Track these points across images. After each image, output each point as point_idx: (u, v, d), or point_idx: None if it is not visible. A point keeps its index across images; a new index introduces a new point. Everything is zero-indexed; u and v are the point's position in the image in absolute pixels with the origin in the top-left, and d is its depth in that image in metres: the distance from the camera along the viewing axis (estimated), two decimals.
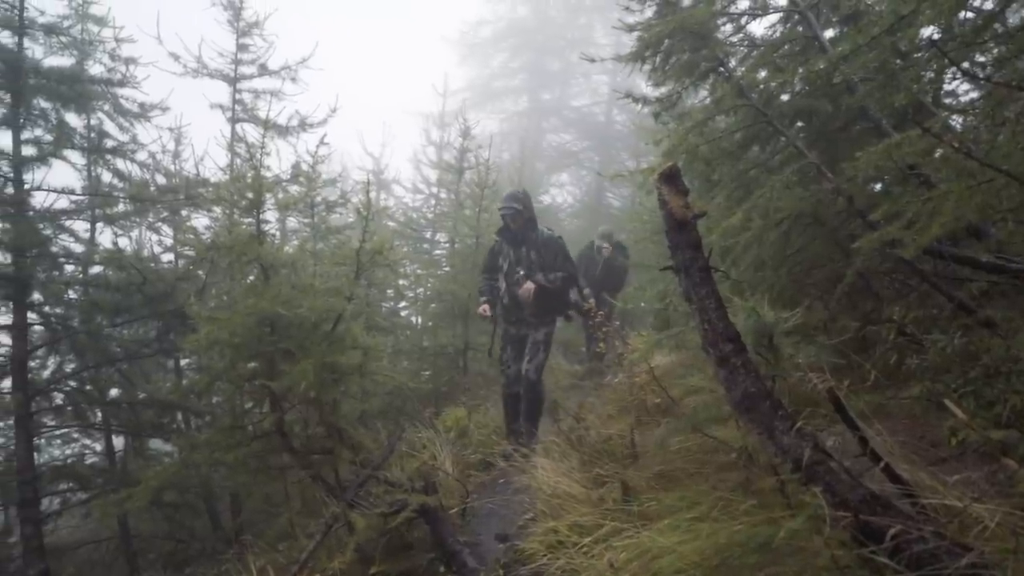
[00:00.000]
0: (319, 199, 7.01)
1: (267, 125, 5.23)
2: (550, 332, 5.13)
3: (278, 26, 7.43)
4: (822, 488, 1.77)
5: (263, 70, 7.16)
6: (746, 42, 4.80)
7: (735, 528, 2.38)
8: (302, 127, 7.05)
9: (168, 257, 6.96)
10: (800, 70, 4.03)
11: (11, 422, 5.20)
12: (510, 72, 22.27)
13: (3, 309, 5.29)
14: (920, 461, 2.30)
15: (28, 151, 5.05)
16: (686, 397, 4.18)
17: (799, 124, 4.64)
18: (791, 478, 1.88)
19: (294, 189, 5.99)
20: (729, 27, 4.75)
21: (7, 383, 5.19)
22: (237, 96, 7.19)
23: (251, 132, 7.03)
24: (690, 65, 4.44)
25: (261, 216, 4.49)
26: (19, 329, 4.91)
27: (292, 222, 8.55)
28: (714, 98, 4.39)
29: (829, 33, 4.73)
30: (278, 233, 8.03)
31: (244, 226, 4.66)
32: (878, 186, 4.23)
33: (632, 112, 17.98)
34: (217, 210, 5.90)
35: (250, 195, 4.50)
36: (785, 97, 4.56)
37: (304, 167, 7.07)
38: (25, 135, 5.06)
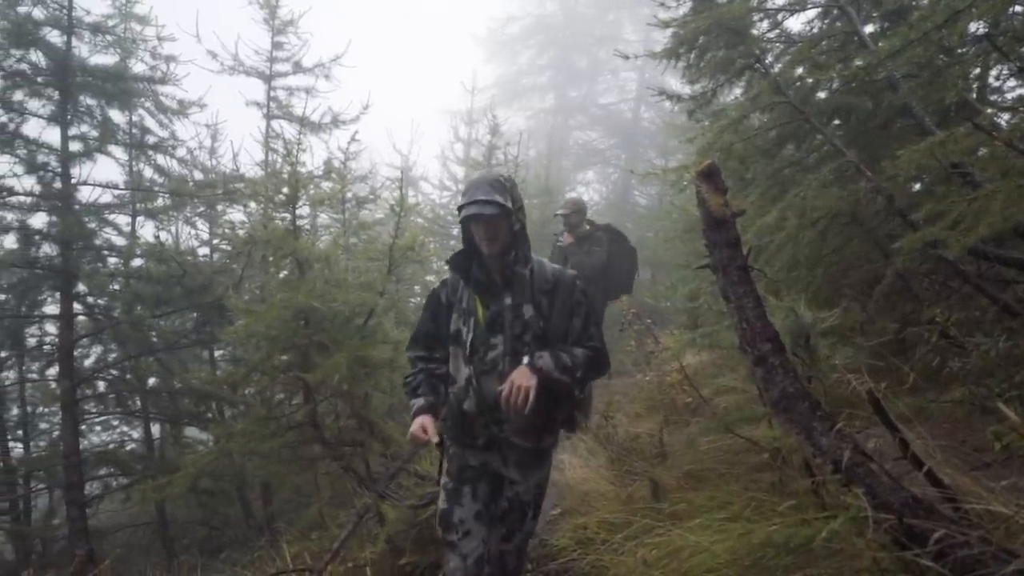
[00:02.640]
0: (350, 195, 7.10)
1: (303, 122, 5.33)
2: (546, 477, 2.50)
3: (312, 24, 7.55)
4: (863, 490, 1.76)
5: (297, 67, 7.27)
6: (783, 38, 4.74)
7: (769, 529, 2.36)
8: (335, 124, 7.15)
9: (204, 251, 7.13)
10: (839, 66, 3.97)
11: (57, 408, 5.39)
12: (537, 69, 22.23)
13: (50, 300, 5.48)
14: (963, 466, 2.26)
15: (75, 147, 5.21)
16: (716, 396, 4.15)
17: (837, 122, 4.56)
18: (831, 479, 1.87)
19: (326, 185, 6.08)
20: (766, 23, 4.69)
21: (54, 371, 5.38)
22: (272, 93, 7.32)
23: (285, 128, 7.15)
24: (726, 62, 4.40)
25: (296, 211, 4.58)
26: (66, 319, 5.08)
27: (323, 218, 8.68)
28: (750, 95, 4.34)
29: (869, 28, 4.65)
30: (310, 228, 8.15)
31: (279, 221, 4.76)
32: (918, 185, 4.15)
33: (660, 109, 17.85)
34: (252, 205, 6.03)
35: (286, 191, 4.59)
36: (823, 94, 4.49)
37: (336, 163, 7.19)
38: (72, 131, 5.23)
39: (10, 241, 5.36)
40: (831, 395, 2.90)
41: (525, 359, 2.20)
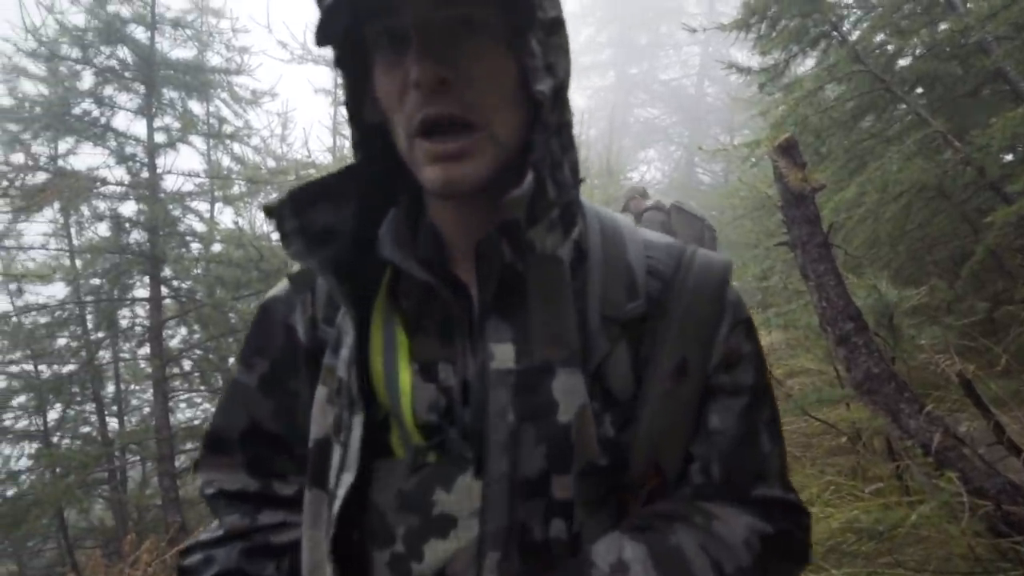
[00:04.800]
0: None
1: None
2: None
3: None
4: (957, 475, 1.69)
5: None
6: (862, 3, 4.50)
7: (850, 513, 2.31)
8: None
9: (277, 235, 7.40)
10: (923, 31, 3.74)
11: (148, 386, 5.76)
12: (597, 47, 21.82)
13: (139, 284, 5.84)
14: None
15: (159, 138, 5.51)
16: (790, 378, 4.05)
17: (920, 90, 4.32)
18: (921, 463, 1.81)
19: None
20: None
21: (145, 351, 5.76)
22: (339, 80, 7.49)
23: None
24: (799, 31, 4.21)
25: None
26: (154, 302, 5.42)
27: None
28: (825, 65, 4.15)
29: None
30: None
31: None
32: (1011, 155, 3.89)
33: (725, 83, 17.23)
34: None
35: None
36: (905, 61, 4.25)
37: None
38: (156, 123, 5.52)
39: (103, 229, 5.75)
40: (917, 377, 2.79)
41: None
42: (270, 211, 0.58)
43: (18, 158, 4.96)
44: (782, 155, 2.21)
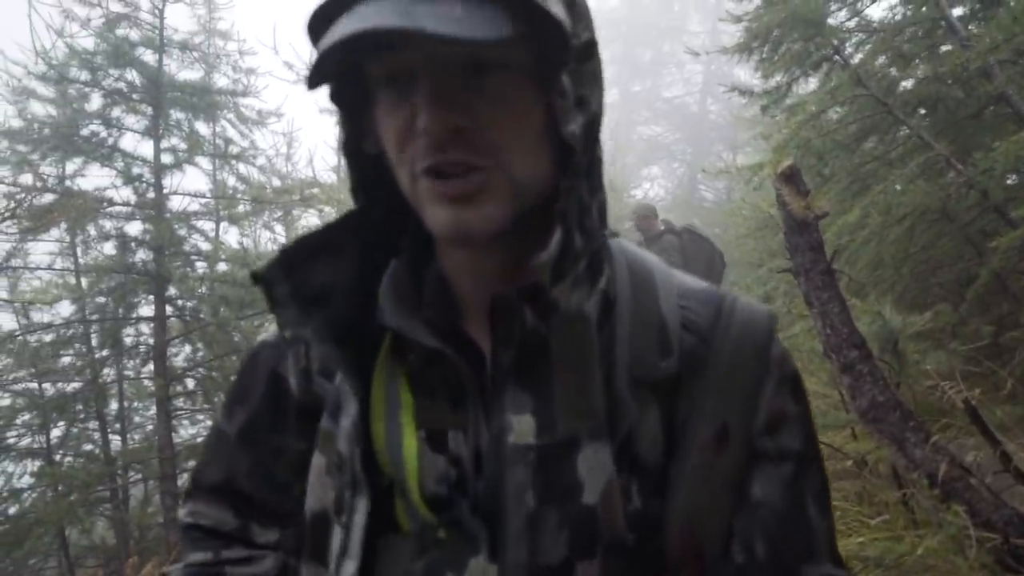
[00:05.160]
0: None
1: None
2: None
3: None
4: (963, 507, 1.68)
5: None
6: (863, 27, 4.54)
7: (856, 541, 2.29)
8: None
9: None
10: (926, 56, 3.78)
11: (151, 404, 5.77)
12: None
13: (144, 302, 5.87)
14: None
15: (166, 159, 5.56)
16: None
17: (923, 111, 4.34)
18: (929, 495, 1.79)
19: None
20: (844, 12, 4.50)
21: (148, 369, 5.77)
22: (336, 117, 7.56)
23: None
24: (802, 54, 4.26)
25: None
26: (159, 321, 5.44)
27: None
28: (828, 88, 4.18)
29: (958, 11, 4.39)
30: None
31: None
32: (1013, 178, 3.90)
33: (728, 102, 17.35)
34: (327, 208, 6.26)
35: None
36: (908, 84, 4.28)
37: None
38: (163, 144, 5.58)
39: (109, 248, 5.79)
40: (922, 403, 2.77)
41: None
42: (258, 277, 0.53)
43: (27, 179, 5.01)
44: (785, 183, 2.22)
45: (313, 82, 0.48)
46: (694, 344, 0.56)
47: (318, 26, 0.48)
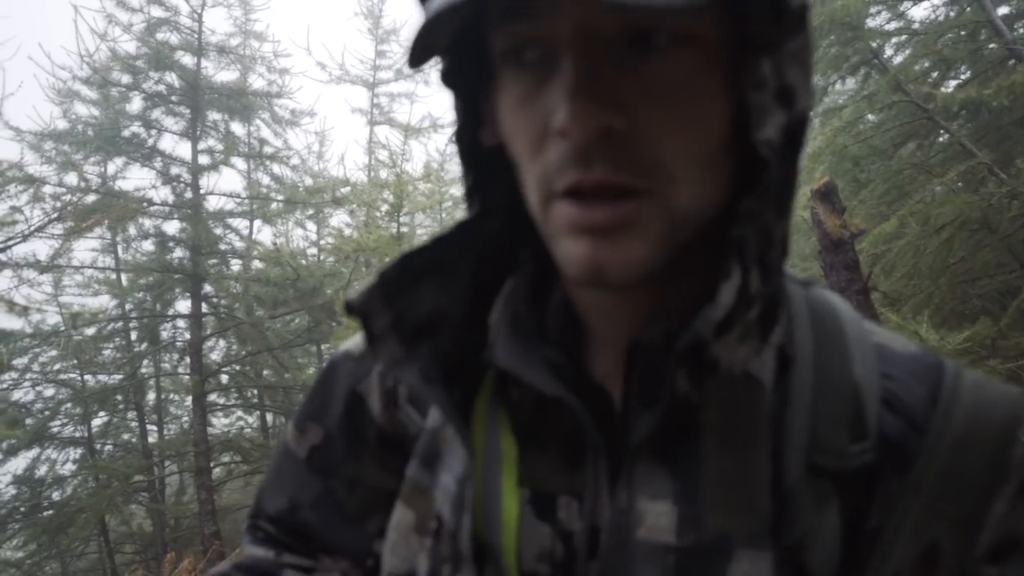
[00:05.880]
0: (447, 197, 7.33)
1: (407, 130, 5.56)
2: None
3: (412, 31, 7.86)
4: None
5: (399, 74, 7.57)
6: (904, 29, 4.43)
7: None
8: (433, 128, 7.37)
9: (312, 251, 7.58)
10: (962, 59, 3.67)
11: (187, 398, 5.95)
12: None
13: (181, 299, 6.04)
14: None
15: (203, 159, 5.70)
16: None
17: (964, 113, 4.23)
18: None
19: (424, 187, 6.30)
20: (885, 14, 4.40)
21: (185, 364, 5.95)
22: (375, 100, 7.65)
23: (389, 136, 7.47)
24: (838, 59, 4.18)
25: (400, 218, 4.80)
26: (195, 318, 5.59)
27: (419, 216, 8.99)
28: (865, 94, 4.10)
29: (1003, 10, 4.26)
30: (409, 230, 8.48)
31: (384, 228, 5.00)
32: None
33: None
34: (354, 207, 6.35)
35: (391, 199, 4.82)
36: (948, 88, 4.18)
37: (434, 166, 7.43)
38: (200, 145, 5.72)
39: (148, 247, 5.96)
40: None
41: None
42: (353, 308, 0.43)
43: (72, 179, 5.18)
44: (821, 201, 2.19)
45: (416, 57, 0.35)
46: (900, 429, 0.41)
47: None
